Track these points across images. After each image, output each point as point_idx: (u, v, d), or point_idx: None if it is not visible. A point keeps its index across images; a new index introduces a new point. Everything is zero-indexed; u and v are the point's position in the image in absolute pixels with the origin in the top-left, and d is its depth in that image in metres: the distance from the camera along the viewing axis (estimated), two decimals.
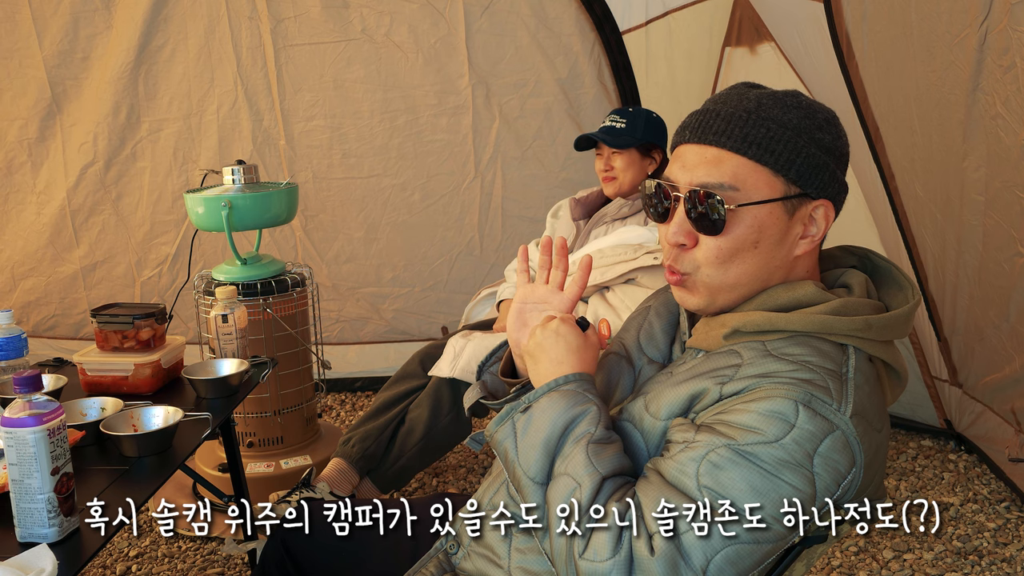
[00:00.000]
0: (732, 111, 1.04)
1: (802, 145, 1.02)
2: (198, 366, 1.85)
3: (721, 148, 1.03)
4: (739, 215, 1.02)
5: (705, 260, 1.05)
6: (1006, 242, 2.26)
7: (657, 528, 0.94)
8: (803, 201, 1.04)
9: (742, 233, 1.03)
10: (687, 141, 1.07)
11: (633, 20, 3.27)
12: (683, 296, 1.11)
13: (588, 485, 0.98)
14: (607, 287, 2.38)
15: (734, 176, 1.02)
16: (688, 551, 0.93)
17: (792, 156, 1.02)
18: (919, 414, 3.06)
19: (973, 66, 2.10)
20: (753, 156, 1.02)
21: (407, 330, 3.60)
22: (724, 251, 1.04)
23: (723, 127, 1.03)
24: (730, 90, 1.09)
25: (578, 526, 0.96)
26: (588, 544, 0.95)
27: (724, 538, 0.93)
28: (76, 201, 3.47)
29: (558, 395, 1.05)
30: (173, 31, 3.26)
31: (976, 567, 2.30)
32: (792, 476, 0.94)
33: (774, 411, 0.95)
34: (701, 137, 1.05)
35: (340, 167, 3.42)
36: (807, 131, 1.03)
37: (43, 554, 1.11)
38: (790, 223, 1.05)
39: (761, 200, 1.02)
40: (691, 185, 1.04)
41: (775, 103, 1.04)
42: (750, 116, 1.03)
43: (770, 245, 1.05)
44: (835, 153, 1.06)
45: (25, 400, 1.14)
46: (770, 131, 1.02)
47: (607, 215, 2.53)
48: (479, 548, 1.18)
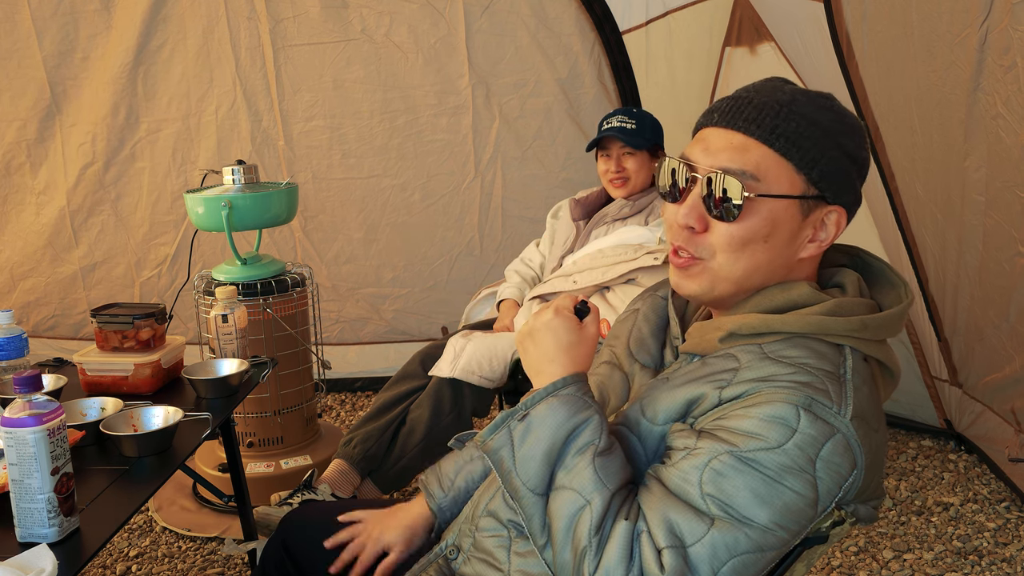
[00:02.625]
0: (765, 101, 1.03)
1: (828, 147, 1.02)
2: (198, 366, 1.85)
3: (749, 136, 1.02)
4: (756, 205, 1.01)
5: (720, 247, 1.04)
6: (1007, 242, 2.26)
7: (665, 543, 0.92)
8: (819, 204, 1.04)
9: (755, 224, 1.02)
10: (714, 124, 1.05)
11: (633, 20, 3.27)
12: (682, 281, 1.08)
13: (598, 503, 0.96)
14: (607, 287, 2.38)
15: (757, 166, 1.01)
16: (695, 564, 0.92)
17: (817, 156, 1.01)
18: (919, 414, 3.06)
19: (974, 66, 2.10)
20: (780, 149, 1.01)
21: (407, 330, 3.60)
22: (736, 239, 1.02)
23: (754, 115, 1.02)
24: (765, 82, 1.08)
25: (589, 545, 0.94)
26: (600, 564, 0.93)
27: (730, 549, 0.92)
28: (75, 201, 3.47)
29: (557, 402, 1.01)
30: (172, 31, 3.26)
31: (976, 567, 2.30)
32: (795, 481, 0.93)
33: (775, 416, 0.94)
34: (730, 122, 1.03)
35: (340, 167, 3.42)
36: (835, 134, 1.02)
37: (43, 554, 1.11)
38: (803, 224, 1.04)
39: (780, 194, 1.01)
40: (712, 168, 1.02)
41: (808, 101, 1.03)
42: (783, 109, 1.02)
43: (779, 242, 1.04)
44: (857, 162, 1.05)
45: (25, 400, 1.14)
46: (800, 127, 1.01)
47: (608, 215, 2.53)
48: (478, 553, 1.18)
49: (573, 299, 1.11)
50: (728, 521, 0.92)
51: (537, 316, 1.09)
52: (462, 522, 1.24)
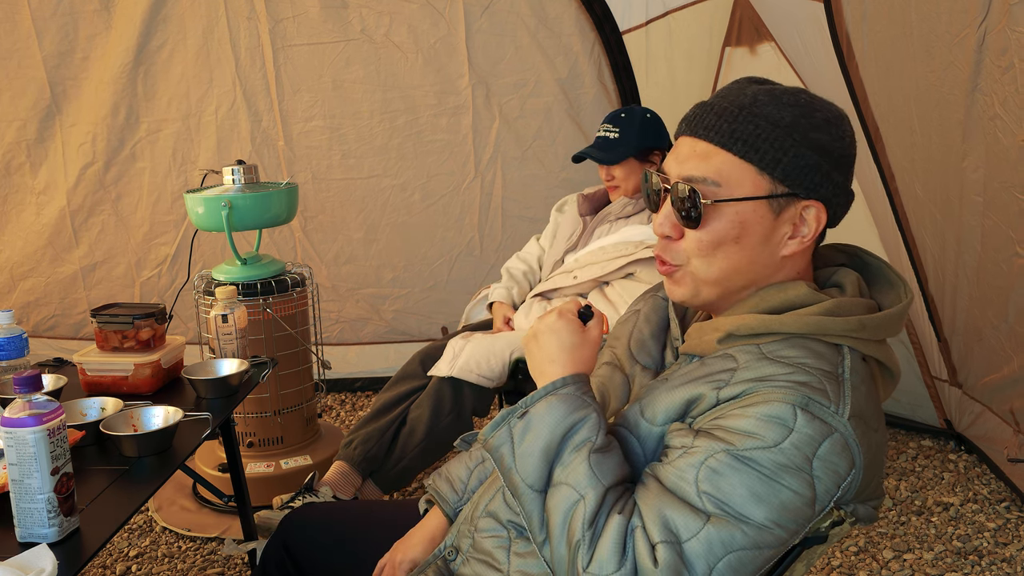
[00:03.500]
0: (726, 106, 1.04)
1: (791, 144, 1.01)
2: (198, 366, 1.85)
3: (710, 143, 1.03)
4: (718, 210, 1.03)
5: (691, 251, 1.06)
6: (1004, 243, 2.26)
7: (660, 538, 0.93)
8: (791, 201, 1.03)
9: (722, 228, 1.03)
10: (684, 133, 1.08)
11: (633, 20, 3.27)
12: (670, 287, 1.12)
13: (592, 497, 0.97)
14: (606, 282, 2.38)
15: (719, 172, 1.02)
16: (691, 560, 0.92)
17: (779, 155, 1.01)
18: (919, 414, 3.06)
19: (972, 66, 2.10)
20: (738, 152, 1.02)
21: (407, 330, 3.60)
22: (705, 244, 1.04)
23: (713, 122, 1.03)
24: (732, 84, 1.09)
25: (582, 539, 0.95)
26: (593, 557, 0.94)
27: (725, 545, 0.92)
28: (76, 201, 3.47)
29: (556, 400, 1.02)
30: (172, 31, 3.26)
31: (976, 567, 2.30)
32: (792, 480, 0.93)
33: (772, 415, 0.94)
34: (694, 130, 1.06)
35: (339, 168, 3.42)
36: (800, 130, 1.02)
37: (43, 554, 1.11)
38: (776, 222, 1.04)
39: (742, 197, 1.02)
40: (678, 177, 1.05)
41: (771, 100, 1.03)
42: (741, 112, 1.02)
43: (754, 243, 1.04)
44: (833, 154, 1.04)
45: (25, 400, 1.14)
46: (758, 128, 1.01)
47: (611, 214, 2.53)
48: (477, 553, 1.18)
49: (577, 303, 1.13)
50: (724, 518, 0.93)
51: (541, 319, 1.11)
52: (461, 523, 1.24)
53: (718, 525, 0.92)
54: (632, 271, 2.34)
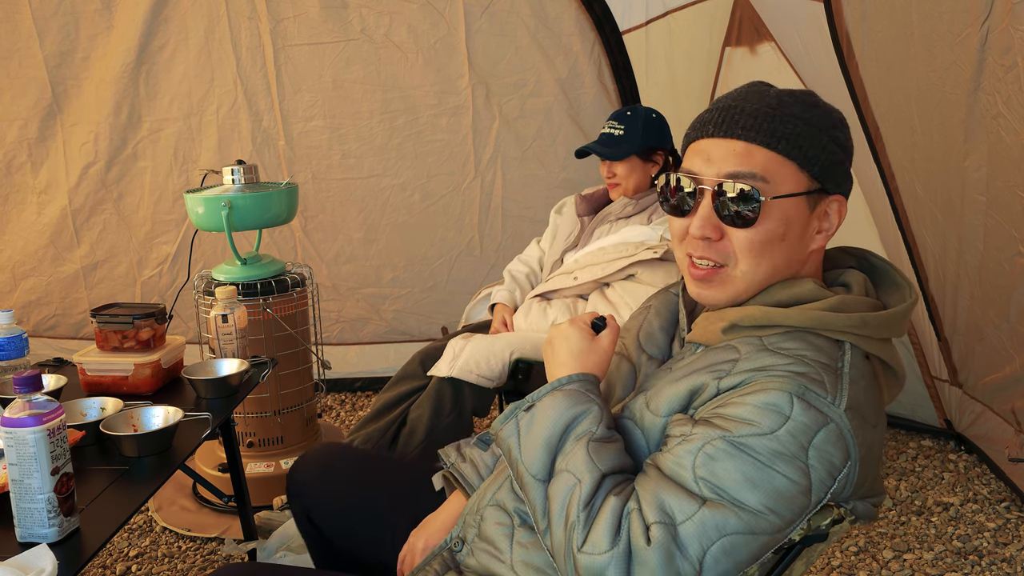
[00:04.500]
0: (757, 107, 1.05)
1: (825, 142, 1.05)
2: (198, 366, 1.85)
3: (749, 142, 1.04)
4: (770, 208, 1.04)
5: (741, 253, 1.06)
6: (1007, 242, 2.26)
7: (654, 519, 0.95)
8: (822, 196, 1.07)
9: (771, 226, 1.05)
10: (710, 136, 1.07)
11: (633, 20, 3.27)
12: (704, 291, 1.10)
13: (588, 481, 0.99)
14: (607, 283, 2.38)
15: (764, 168, 1.04)
16: (684, 541, 0.93)
17: (816, 152, 1.05)
18: (919, 414, 3.06)
19: (974, 65, 2.10)
20: (782, 151, 1.04)
21: (407, 330, 3.60)
22: (756, 243, 1.05)
23: (750, 122, 1.04)
24: (748, 87, 1.10)
25: (577, 520, 0.97)
26: (587, 538, 0.96)
27: (719, 529, 0.93)
28: (77, 201, 3.47)
29: (561, 395, 1.06)
30: (173, 31, 3.26)
31: (976, 567, 2.30)
32: (786, 467, 0.95)
33: (769, 403, 0.96)
34: (727, 131, 1.05)
35: (340, 167, 3.42)
36: (827, 129, 1.06)
37: (43, 554, 1.11)
38: (810, 217, 1.07)
39: (790, 193, 1.04)
40: (720, 176, 1.05)
41: (795, 101, 1.07)
42: (775, 112, 1.05)
43: (794, 239, 1.07)
44: (848, 151, 1.10)
45: (25, 400, 1.14)
46: (796, 127, 1.04)
47: (611, 214, 2.53)
48: (482, 543, 1.19)
49: (593, 314, 1.18)
50: (719, 503, 0.94)
51: (556, 327, 1.16)
52: (467, 514, 1.25)
53: (713, 509, 0.94)
54: (633, 272, 2.33)
